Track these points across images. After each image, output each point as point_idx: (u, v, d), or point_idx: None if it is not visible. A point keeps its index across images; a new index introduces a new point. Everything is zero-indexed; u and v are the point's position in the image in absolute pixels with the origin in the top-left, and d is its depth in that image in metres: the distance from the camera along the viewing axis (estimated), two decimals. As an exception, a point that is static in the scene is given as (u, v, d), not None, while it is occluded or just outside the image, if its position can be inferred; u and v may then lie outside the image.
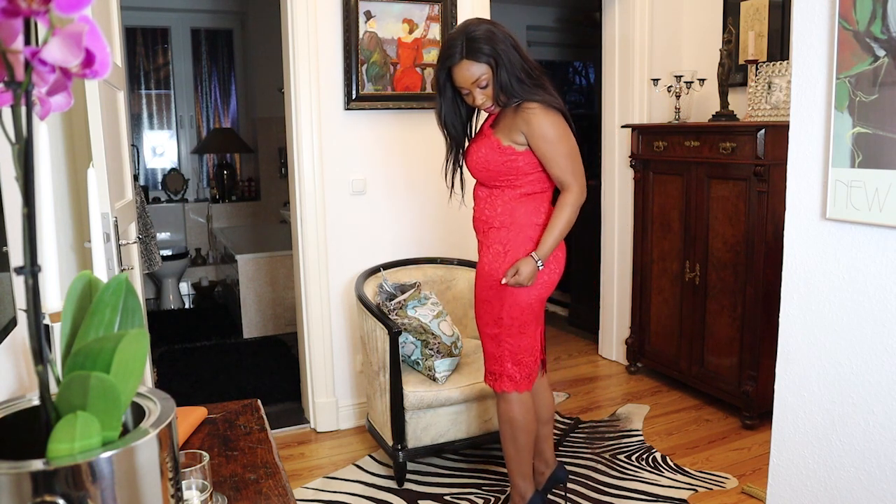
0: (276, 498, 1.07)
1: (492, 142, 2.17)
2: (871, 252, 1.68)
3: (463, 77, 2.09)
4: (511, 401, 2.29)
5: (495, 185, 2.22)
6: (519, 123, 2.12)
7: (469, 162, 2.26)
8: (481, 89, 2.10)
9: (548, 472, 2.50)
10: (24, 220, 0.61)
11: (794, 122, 1.85)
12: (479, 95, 2.11)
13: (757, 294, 3.12)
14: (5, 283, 1.14)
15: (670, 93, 3.74)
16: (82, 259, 2.19)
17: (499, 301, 2.22)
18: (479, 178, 2.26)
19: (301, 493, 2.71)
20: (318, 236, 3.22)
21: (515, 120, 2.13)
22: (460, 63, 2.07)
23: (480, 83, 2.09)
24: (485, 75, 2.08)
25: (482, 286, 2.27)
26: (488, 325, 2.27)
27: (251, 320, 4.81)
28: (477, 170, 2.22)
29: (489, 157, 2.18)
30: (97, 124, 1.89)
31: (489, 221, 2.24)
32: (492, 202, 2.23)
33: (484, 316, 2.28)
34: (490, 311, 2.25)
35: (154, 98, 6.33)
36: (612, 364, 4.18)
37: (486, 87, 2.10)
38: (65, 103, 0.66)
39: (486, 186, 2.25)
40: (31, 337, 0.65)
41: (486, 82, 2.09)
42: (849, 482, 1.80)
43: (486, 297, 2.26)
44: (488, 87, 2.10)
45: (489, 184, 2.23)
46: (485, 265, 2.25)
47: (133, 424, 0.74)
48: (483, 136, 2.23)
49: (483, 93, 2.11)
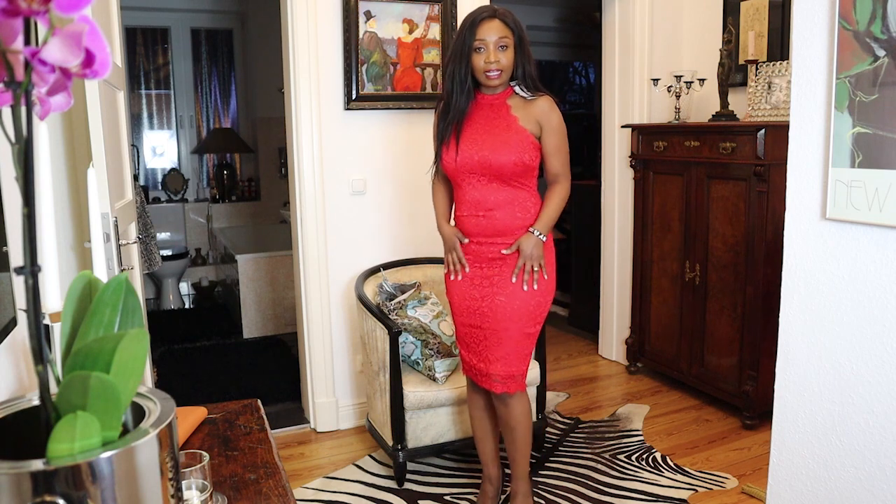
0: (276, 498, 1.07)
1: (524, 136, 2.15)
2: (871, 252, 1.68)
3: (489, 29, 2.12)
4: (526, 398, 2.33)
5: (518, 185, 2.19)
6: (536, 114, 2.16)
7: (488, 156, 2.15)
8: (500, 50, 2.12)
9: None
10: (24, 220, 0.61)
11: (794, 122, 1.85)
12: (494, 53, 2.12)
13: (757, 294, 3.12)
14: (5, 283, 1.14)
15: (670, 93, 3.74)
16: (82, 259, 2.19)
17: (544, 296, 2.24)
18: (507, 174, 2.16)
19: (301, 493, 2.71)
20: (318, 236, 3.22)
21: (532, 111, 2.17)
22: (491, 20, 2.13)
23: (502, 42, 2.12)
24: (508, 39, 2.13)
25: (529, 290, 2.21)
26: (528, 325, 2.24)
27: (251, 320, 4.81)
28: (506, 165, 2.14)
29: (524, 152, 2.14)
30: (97, 124, 1.89)
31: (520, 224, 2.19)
32: (521, 204, 2.20)
33: (524, 318, 2.23)
34: (534, 310, 2.23)
35: (154, 98, 6.33)
36: (612, 364, 4.18)
37: (504, 51, 2.13)
38: (65, 103, 0.66)
39: (508, 186, 2.18)
40: (31, 337, 0.65)
41: (507, 45, 2.13)
42: (849, 482, 1.80)
43: (534, 299, 2.22)
44: (507, 52, 2.13)
45: (512, 182, 2.17)
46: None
47: (133, 424, 0.74)
48: (505, 130, 2.16)
49: (500, 53, 2.12)
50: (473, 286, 2.28)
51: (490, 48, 2.12)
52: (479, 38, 2.12)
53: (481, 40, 2.12)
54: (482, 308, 2.26)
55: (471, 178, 2.20)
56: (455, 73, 2.18)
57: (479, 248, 2.25)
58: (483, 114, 2.22)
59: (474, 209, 2.22)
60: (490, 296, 2.24)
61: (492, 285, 2.24)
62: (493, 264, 2.24)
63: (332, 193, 3.24)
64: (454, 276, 2.33)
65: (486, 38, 2.11)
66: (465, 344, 2.37)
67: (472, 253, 2.27)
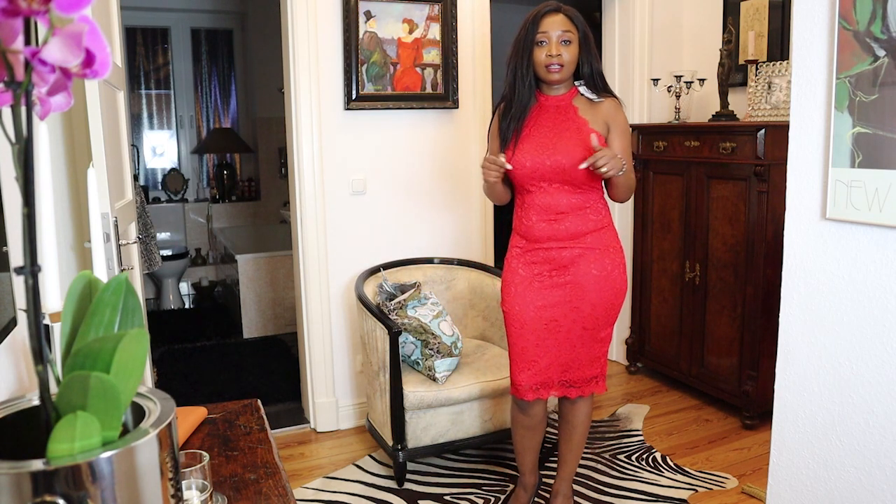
0: (276, 498, 1.07)
1: (598, 137, 2.08)
2: (871, 252, 1.68)
3: (553, 23, 2.08)
4: (592, 399, 2.34)
5: (588, 188, 2.14)
6: (604, 116, 2.14)
7: (562, 161, 2.08)
8: (563, 44, 2.09)
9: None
10: (24, 220, 0.61)
11: (794, 122, 1.85)
12: (556, 46, 2.08)
13: (757, 294, 3.12)
14: (5, 283, 1.14)
15: (670, 93, 3.74)
16: (82, 259, 2.19)
17: (617, 298, 2.21)
18: (580, 178, 2.09)
19: (301, 493, 2.71)
20: (318, 236, 3.22)
21: (599, 113, 2.14)
22: (555, 14, 2.09)
23: (566, 38, 2.08)
24: (572, 34, 2.09)
25: (604, 291, 2.17)
26: (602, 328, 2.22)
27: (251, 320, 4.81)
28: (582, 170, 2.04)
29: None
30: (97, 124, 1.89)
31: (592, 227, 2.16)
32: (593, 206, 2.17)
33: (600, 322, 2.20)
34: (608, 313, 2.21)
35: (154, 98, 6.33)
36: (612, 364, 4.18)
37: (568, 46, 2.09)
38: (65, 103, 0.66)
39: (579, 190, 2.13)
40: (31, 337, 0.65)
41: (571, 40, 2.09)
42: (849, 482, 1.80)
43: (609, 302, 2.20)
44: (570, 47, 2.09)
45: (582, 185, 2.12)
46: (607, 270, 2.17)
47: (133, 424, 0.74)
48: (577, 133, 2.10)
49: (563, 48, 2.08)
50: (542, 295, 2.19)
51: (553, 41, 2.08)
52: (542, 31, 2.08)
53: (544, 33, 2.08)
54: (555, 316, 2.19)
55: (541, 183, 2.14)
56: (517, 67, 2.14)
57: (549, 254, 2.18)
58: (549, 116, 2.16)
59: (545, 214, 2.16)
60: (563, 303, 2.18)
61: (564, 293, 2.18)
62: (566, 271, 2.17)
63: (332, 193, 3.24)
64: (494, 177, 2.13)
65: (549, 31, 2.08)
66: (527, 357, 2.22)
67: (543, 259, 2.19)
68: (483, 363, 2.90)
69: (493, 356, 2.96)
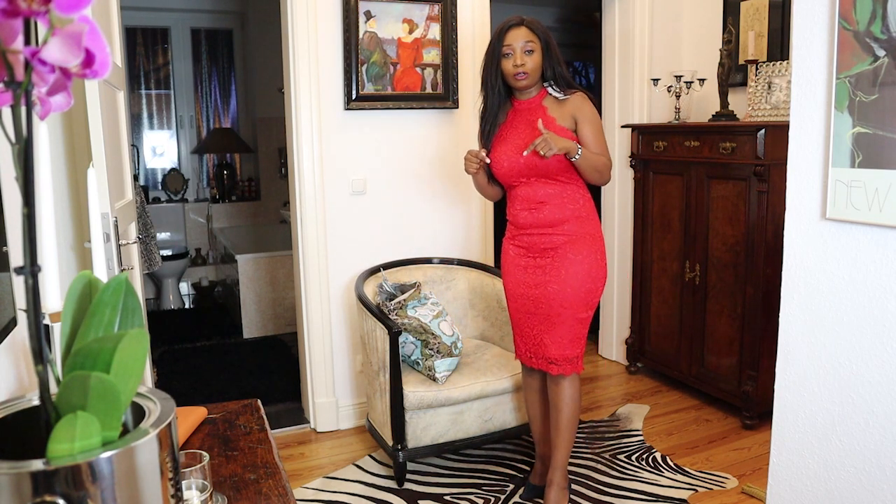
0: (276, 498, 1.07)
1: (563, 134, 2.29)
2: (871, 252, 1.68)
3: (516, 36, 2.30)
4: (577, 383, 2.44)
5: (566, 179, 2.33)
6: (570, 110, 2.33)
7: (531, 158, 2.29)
8: (527, 54, 2.29)
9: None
10: (24, 220, 0.61)
11: (794, 122, 1.85)
12: (521, 56, 2.29)
13: (757, 294, 3.12)
14: (5, 283, 1.14)
15: (670, 93, 3.74)
16: (82, 259, 2.19)
17: (595, 283, 2.38)
18: (552, 171, 2.31)
19: (301, 493, 2.71)
20: (318, 236, 3.22)
21: (566, 108, 2.34)
22: (518, 28, 2.31)
23: (528, 48, 2.29)
24: (534, 44, 2.30)
25: (580, 278, 2.34)
26: (580, 310, 2.38)
27: (251, 320, 4.81)
28: (550, 163, 2.28)
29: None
30: (97, 124, 1.89)
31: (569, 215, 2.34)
32: (570, 196, 2.35)
33: (576, 304, 2.36)
34: (586, 296, 2.37)
35: (154, 98, 6.33)
36: (612, 364, 4.18)
37: (531, 55, 2.30)
38: (65, 103, 0.66)
39: (556, 182, 2.33)
40: (31, 337, 0.65)
41: (533, 49, 2.30)
42: (849, 482, 1.80)
43: (586, 286, 2.36)
44: (533, 56, 2.30)
45: (558, 177, 2.32)
46: (584, 255, 2.35)
47: (133, 424, 0.74)
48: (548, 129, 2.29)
49: (527, 57, 2.29)
50: (527, 274, 2.43)
51: (517, 52, 2.29)
52: (507, 44, 2.30)
53: (508, 45, 2.30)
54: (536, 295, 2.41)
55: (520, 178, 2.37)
56: (488, 77, 2.38)
57: (531, 239, 2.40)
58: (523, 119, 2.38)
59: (526, 204, 2.39)
60: (543, 284, 2.38)
61: (545, 274, 2.38)
62: (546, 254, 2.38)
63: (332, 193, 3.24)
64: (473, 169, 2.38)
65: (513, 43, 2.29)
66: (520, 329, 2.50)
67: (526, 244, 2.42)
68: (483, 363, 2.90)
69: (493, 356, 2.96)
